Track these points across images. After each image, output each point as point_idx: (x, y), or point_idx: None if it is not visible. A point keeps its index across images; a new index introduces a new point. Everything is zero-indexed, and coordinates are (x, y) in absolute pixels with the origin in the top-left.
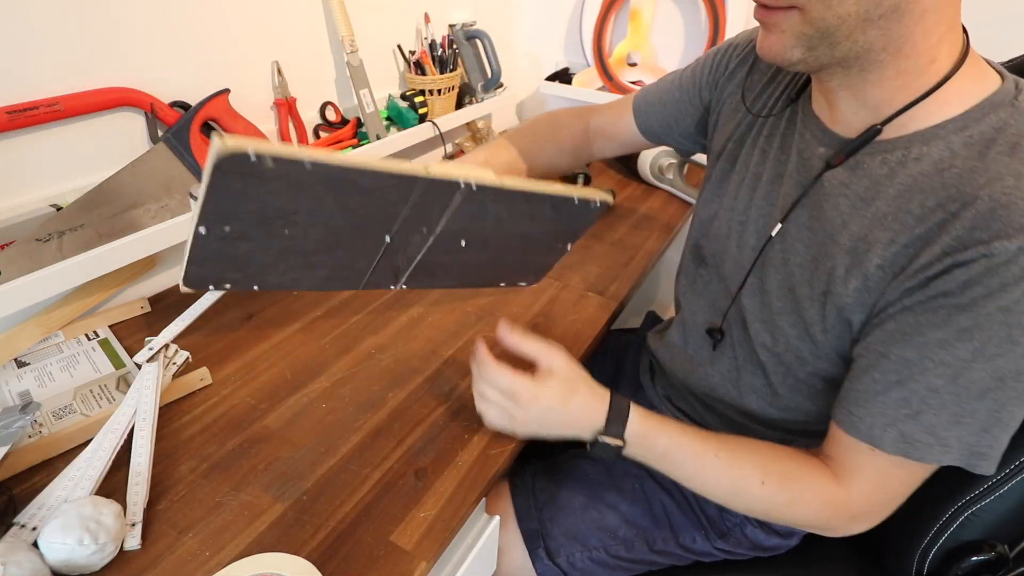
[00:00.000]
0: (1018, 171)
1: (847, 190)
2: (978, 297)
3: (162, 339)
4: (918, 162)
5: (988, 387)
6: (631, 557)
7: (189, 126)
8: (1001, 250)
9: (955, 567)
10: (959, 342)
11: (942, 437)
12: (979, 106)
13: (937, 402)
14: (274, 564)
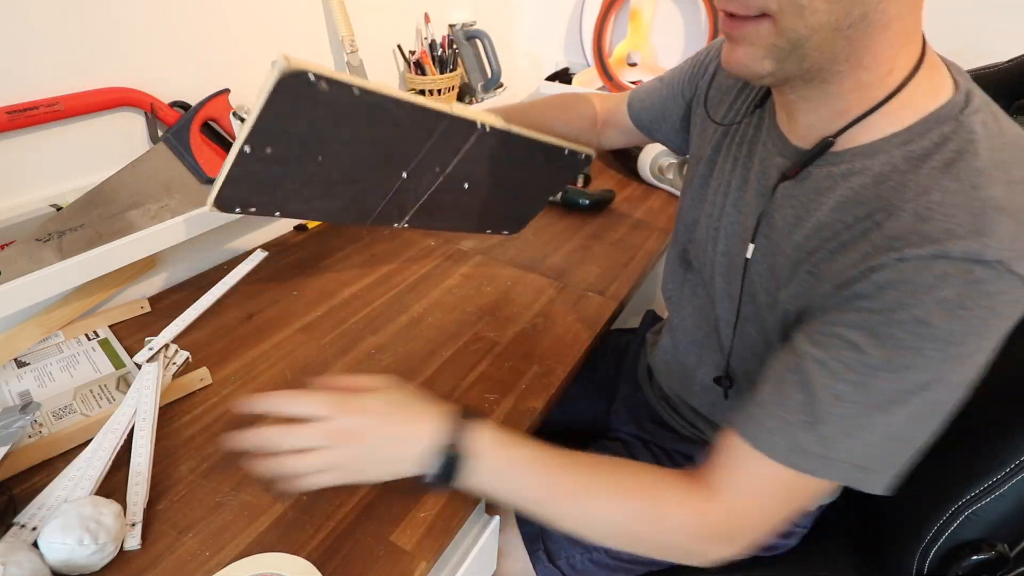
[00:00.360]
0: (946, 187)
1: (794, 201)
2: (892, 303)
3: (162, 339)
4: (860, 175)
5: (891, 400)
6: (631, 558)
7: (189, 126)
8: (913, 256)
9: (955, 567)
10: (870, 347)
11: (834, 450)
12: (925, 120)
13: (839, 411)
14: (274, 564)
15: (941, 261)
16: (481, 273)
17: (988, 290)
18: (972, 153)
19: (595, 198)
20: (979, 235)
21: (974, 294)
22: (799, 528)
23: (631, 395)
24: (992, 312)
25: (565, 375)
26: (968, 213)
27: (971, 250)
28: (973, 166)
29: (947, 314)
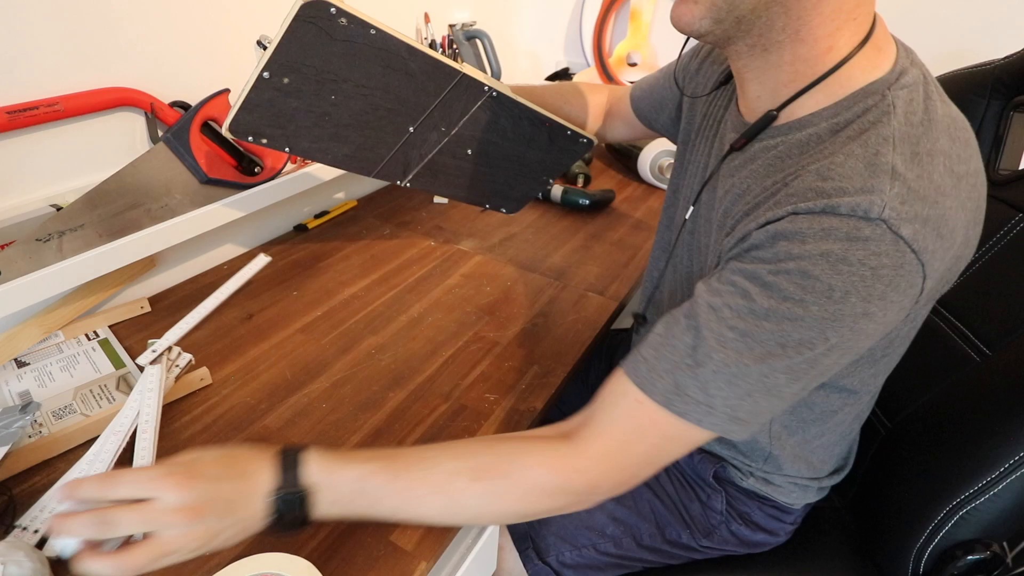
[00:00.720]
0: (851, 151)
1: (733, 171)
2: (781, 253)
3: (165, 341)
4: (785, 145)
5: (770, 351)
6: (620, 554)
7: (189, 126)
8: (804, 209)
9: (950, 566)
10: (758, 296)
11: (711, 395)
12: (855, 94)
13: (720, 357)
14: (274, 564)
15: (829, 216)
16: (481, 273)
17: (871, 248)
18: (884, 123)
19: (595, 198)
20: (868, 192)
21: (857, 250)
22: (788, 525)
23: None
24: (874, 273)
25: (565, 375)
26: (862, 174)
27: (857, 207)
28: (882, 134)
29: (830, 267)
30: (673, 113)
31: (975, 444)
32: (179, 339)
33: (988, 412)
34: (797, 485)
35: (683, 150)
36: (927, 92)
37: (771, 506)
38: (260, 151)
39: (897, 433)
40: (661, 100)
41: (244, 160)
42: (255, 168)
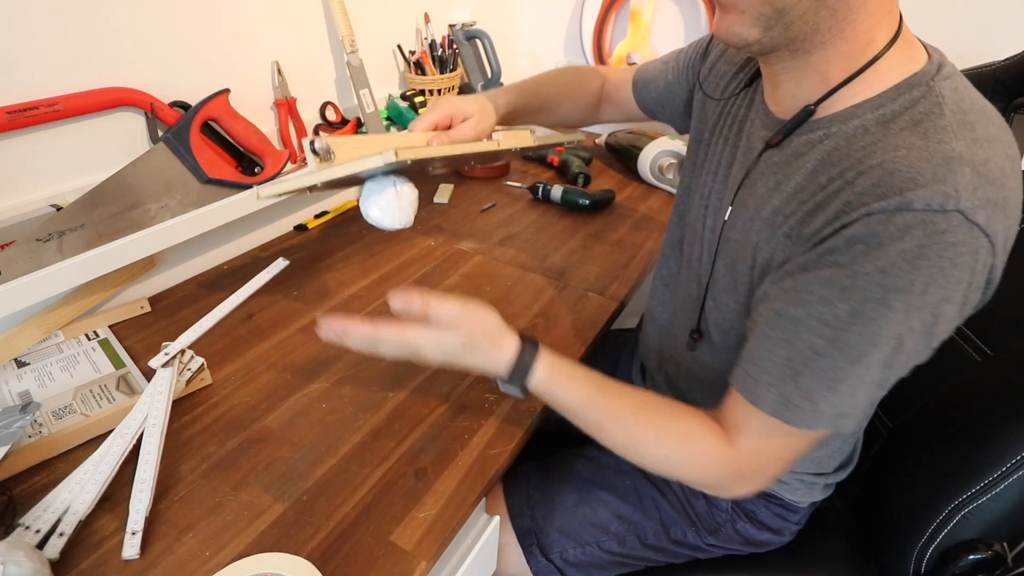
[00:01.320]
0: (911, 143)
1: (776, 168)
2: (858, 255)
3: (179, 344)
4: (833, 138)
5: (863, 352)
6: (624, 552)
7: (189, 126)
8: (879, 209)
9: (952, 566)
10: (839, 301)
11: (817, 403)
12: (897, 86)
13: (817, 364)
14: (274, 564)
15: (904, 214)
16: (481, 273)
17: (948, 240)
18: (939, 114)
19: (595, 198)
20: (940, 183)
21: (935, 244)
22: (793, 524)
23: None
24: (952, 262)
25: None
26: (930, 164)
27: (932, 200)
28: (939, 124)
29: (909, 264)
30: (681, 108)
31: (977, 444)
32: (192, 342)
33: (990, 412)
34: (803, 482)
35: (695, 148)
36: (964, 83)
37: (777, 504)
38: (260, 151)
39: (899, 433)
40: (668, 95)
41: (244, 160)
42: (255, 168)
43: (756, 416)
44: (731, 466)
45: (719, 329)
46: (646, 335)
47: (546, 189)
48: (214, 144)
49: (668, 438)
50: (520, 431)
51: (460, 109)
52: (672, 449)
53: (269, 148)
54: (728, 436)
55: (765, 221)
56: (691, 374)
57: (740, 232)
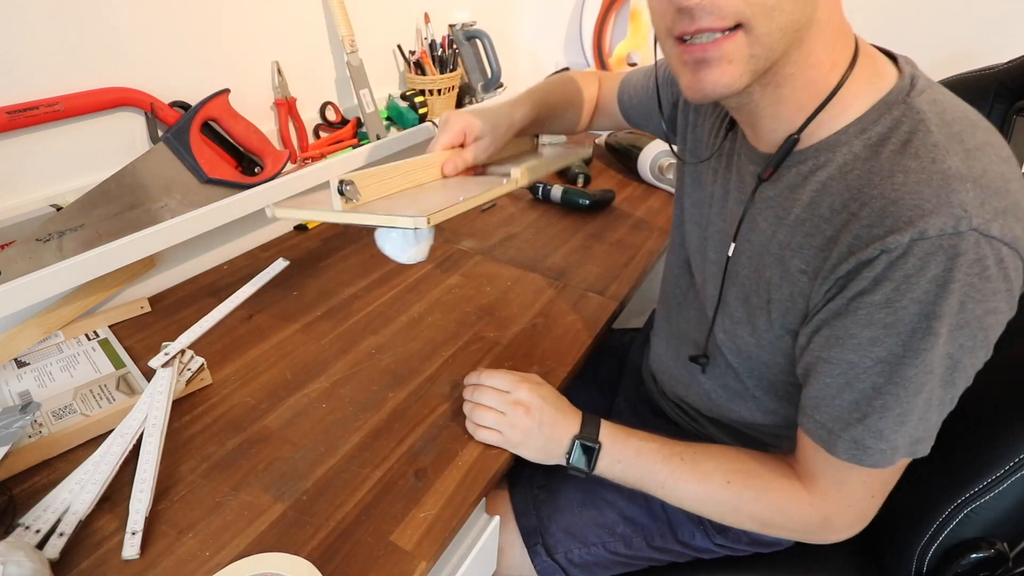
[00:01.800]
0: (906, 166)
1: (772, 202)
2: (890, 292)
3: (179, 344)
4: (825, 168)
5: (923, 382)
6: (630, 553)
7: (189, 126)
8: (895, 244)
9: (954, 565)
10: (888, 337)
11: (890, 440)
12: (875, 107)
13: (881, 403)
14: (274, 564)
15: (921, 243)
16: (481, 273)
17: (971, 258)
18: (925, 131)
19: (595, 198)
20: (947, 205)
21: (960, 266)
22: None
23: (634, 390)
24: (981, 277)
25: (565, 375)
26: (931, 186)
27: (945, 225)
28: (928, 142)
29: (941, 289)
30: (663, 126)
31: (979, 443)
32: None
33: (993, 410)
34: None
35: (681, 168)
36: (940, 92)
37: None
38: (260, 151)
39: None
40: (650, 110)
41: (244, 160)
42: (255, 168)
43: (833, 463)
44: (812, 509)
45: (739, 357)
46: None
47: (546, 189)
48: (214, 144)
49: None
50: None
51: (471, 127)
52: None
53: (269, 148)
54: (803, 480)
55: (774, 257)
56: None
57: (748, 267)
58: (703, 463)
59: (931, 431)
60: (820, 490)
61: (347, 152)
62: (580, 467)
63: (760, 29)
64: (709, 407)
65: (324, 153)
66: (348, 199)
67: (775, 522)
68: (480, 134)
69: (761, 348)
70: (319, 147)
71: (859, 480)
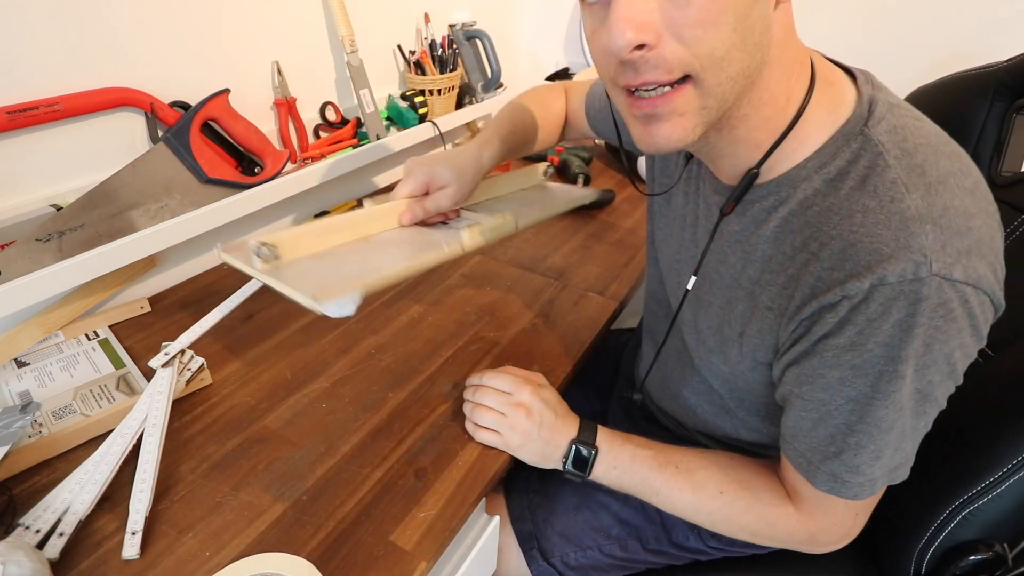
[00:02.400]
0: (865, 206)
1: (740, 236)
2: (854, 336)
3: (179, 344)
4: (786, 204)
5: (894, 419)
6: (625, 556)
7: (189, 126)
8: (856, 290)
9: (952, 567)
10: (856, 378)
11: (867, 474)
12: (833, 139)
13: (854, 441)
14: (274, 564)
15: (883, 289)
16: (481, 273)
17: (933, 303)
18: (883, 166)
19: (595, 198)
20: (906, 250)
21: (923, 311)
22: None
23: (627, 394)
24: (946, 319)
25: (565, 375)
26: (890, 228)
27: (904, 271)
28: (887, 178)
29: (905, 333)
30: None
31: (978, 444)
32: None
33: (992, 412)
34: None
35: (651, 184)
36: (901, 116)
37: None
38: (260, 151)
39: None
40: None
41: (244, 160)
42: (255, 168)
43: (813, 493)
44: (796, 522)
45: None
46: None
47: None
48: (214, 144)
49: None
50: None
51: (435, 177)
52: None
53: (269, 148)
54: (792, 500)
55: (745, 291)
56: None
57: (720, 299)
58: (697, 472)
59: (909, 456)
60: (806, 509)
61: (347, 152)
62: (576, 472)
63: (710, 81)
64: (695, 421)
65: (324, 153)
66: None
67: (764, 534)
68: (445, 183)
69: (736, 376)
70: (319, 147)
71: (842, 504)
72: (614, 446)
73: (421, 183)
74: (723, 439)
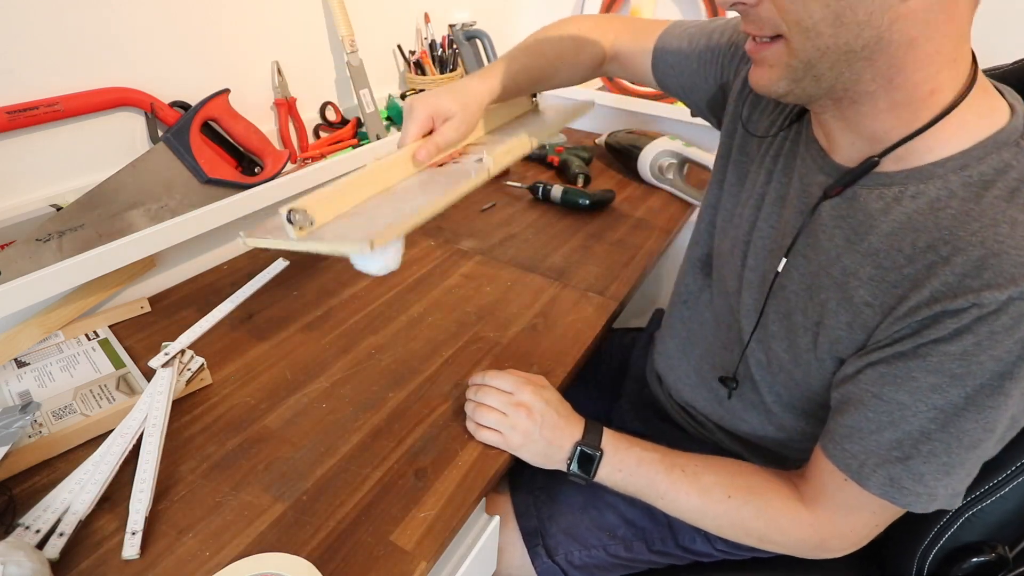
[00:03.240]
0: (1014, 218)
1: (843, 222)
2: (969, 346)
3: (179, 344)
4: (914, 200)
5: (979, 439)
6: (629, 556)
7: (189, 126)
8: (991, 300)
9: (955, 568)
10: (951, 388)
11: (931, 487)
12: (982, 144)
13: (928, 449)
14: (274, 564)
15: (1019, 303)
16: (481, 273)
17: None
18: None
19: (595, 198)
20: None
21: None
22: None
23: (637, 392)
24: None
25: (565, 375)
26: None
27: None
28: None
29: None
30: (703, 105)
31: None
32: (192, 342)
33: None
34: None
35: (722, 165)
36: None
37: None
38: (260, 151)
39: None
40: (692, 84)
41: (244, 160)
42: (255, 168)
43: (850, 491)
44: (815, 536)
45: (766, 371)
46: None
47: (546, 189)
48: (214, 144)
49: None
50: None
51: (439, 109)
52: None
53: (269, 148)
54: (805, 499)
55: (835, 281)
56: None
57: (800, 284)
58: (704, 476)
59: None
60: (825, 514)
61: (347, 152)
62: (580, 474)
63: (796, 44)
64: (720, 415)
65: (324, 153)
66: (300, 227)
67: (773, 540)
68: (449, 114)
69: (796, 367)
70: (319, 147)
71: (871, 512)
72: (620, 449)
73: (426, 118)
74: (746, 436)
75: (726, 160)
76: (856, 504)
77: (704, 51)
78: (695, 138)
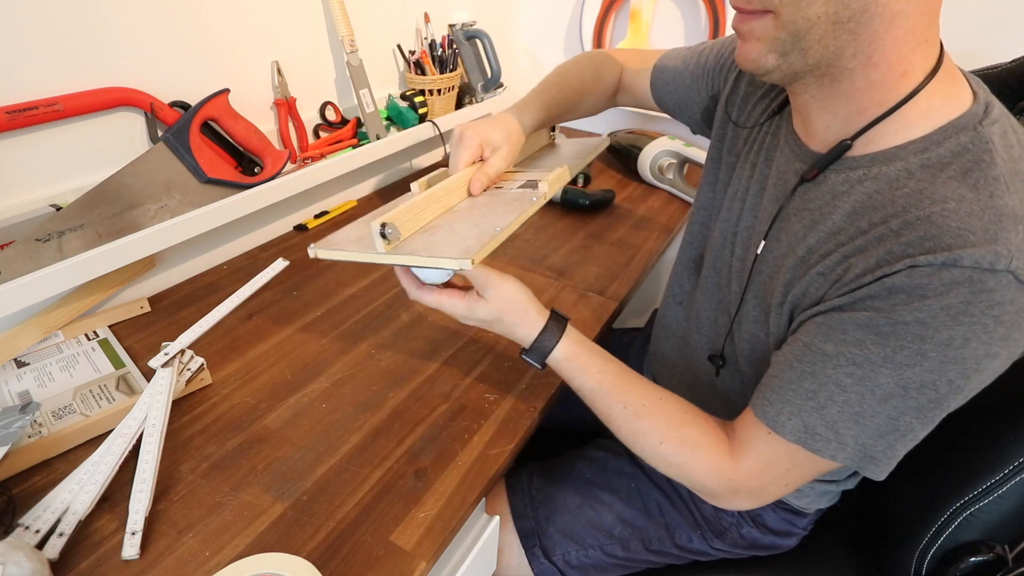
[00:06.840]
0: (961, 195)
1: (811, 204)
2: (898, 304)
3: (178, 344)
4: (875, 180)
5: (891, 393)
6: (627, 556)
7: (189, 126)
8: (925, 263)
9: (953, 568)
10: (874, 344)
11: (840, 433)
12: (942, 128)
13: (842, 399)
14: (274, 564)
15: (951, 269)
16: None
17: (995, 299)
18: (989, 162)
19: (595, 198)
20: (992, 242)
21: (980, 303)
22: (799, 530)
23: None
24: (996, 320)
25: None
26: (982, 220)
27: (982, 259)
28: (990, 175)
29: (950, 319)
30: (698, 116)
31: (980, 446)
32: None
33: (994, 413)
34: (815, 489)
35: (713, 167)
36: (1013, 125)
37: (785, 510)
38: (260, 151)
39: None
40: (687, 99)
41: (244, 160)
42: (255, 168)
43: (769, 441)
44: (728, 480)
45: (748, 360)
46: (661, 348)
47: None
48: (214, 144)
49: (671, 440)
50: (520, 431)
51: (488, 139)
52: (672, 451)
53: (269, 148)
54: (732, 451)
55: (799, 259)
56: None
57: (771, 266)
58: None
59: (888, 456)
60: (745, 465)
61: (347, 152)
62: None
63: (785, 16)
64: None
65: (324, 153)
66: (390, 241)
67: (688, 478)
68: (497, 144)
69: (772, 350)
70: (319, 147)
71: (787, 465)
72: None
73: (476, 146)
74: None
75: (717, 162)
76: (774, 456)
77: (696, 67)
78: (695, 138)
